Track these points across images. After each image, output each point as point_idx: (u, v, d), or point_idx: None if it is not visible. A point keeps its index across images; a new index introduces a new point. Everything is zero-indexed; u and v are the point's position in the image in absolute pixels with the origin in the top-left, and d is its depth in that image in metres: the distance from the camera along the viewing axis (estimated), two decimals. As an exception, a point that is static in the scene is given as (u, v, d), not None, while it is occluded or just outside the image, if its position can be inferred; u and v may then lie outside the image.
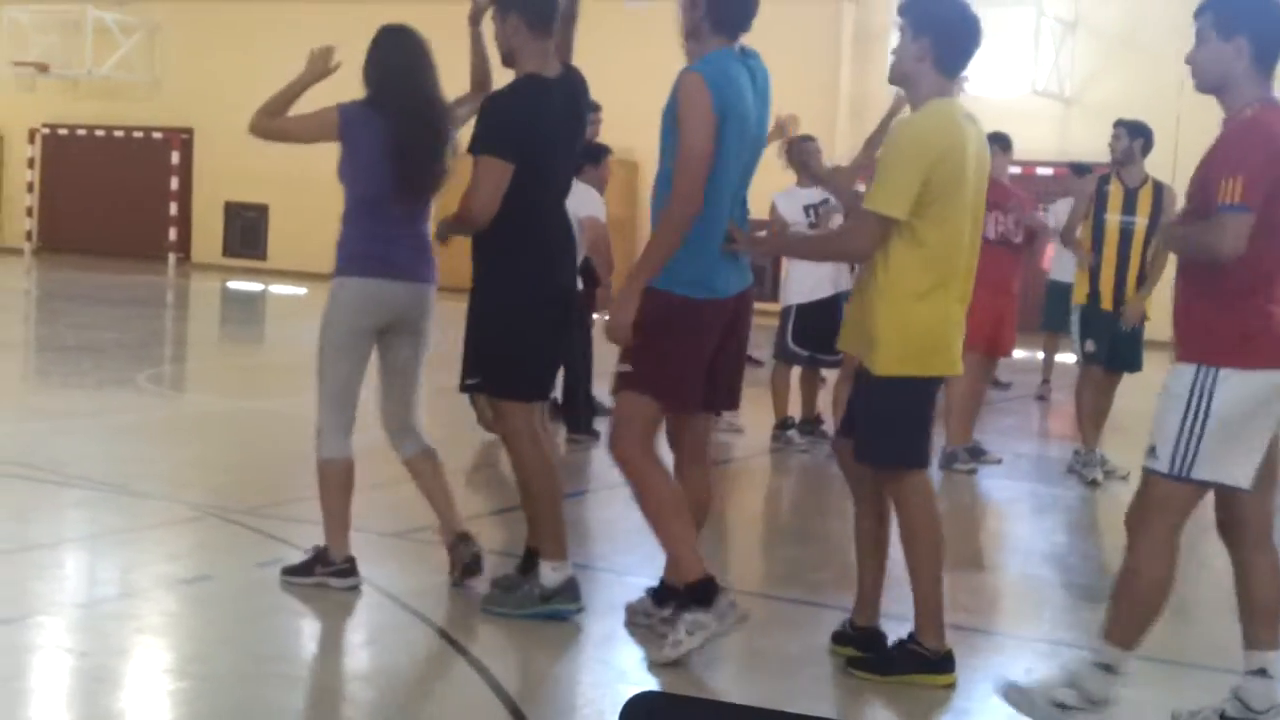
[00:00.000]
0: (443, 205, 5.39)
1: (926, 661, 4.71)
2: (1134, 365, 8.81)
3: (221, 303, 21.34)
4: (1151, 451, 4.21)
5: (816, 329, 8.91)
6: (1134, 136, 8.78)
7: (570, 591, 5.19)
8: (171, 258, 26.08)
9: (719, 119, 4.61)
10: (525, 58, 5.08)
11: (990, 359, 9.24)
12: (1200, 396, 4.07)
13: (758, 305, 5.13)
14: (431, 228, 5.43)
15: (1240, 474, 4.15)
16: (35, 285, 22.11)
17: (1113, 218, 8.67)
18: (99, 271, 22.84)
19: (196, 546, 6.25)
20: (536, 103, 5.04)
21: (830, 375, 9.70)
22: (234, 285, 22.96)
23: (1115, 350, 8.72)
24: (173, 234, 26.11)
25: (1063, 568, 7.00)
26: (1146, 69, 19.57)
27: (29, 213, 27.55)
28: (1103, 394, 8.94)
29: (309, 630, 5.22)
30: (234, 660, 4.71)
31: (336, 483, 5.42)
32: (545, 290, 5.15)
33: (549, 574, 5.15)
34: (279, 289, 22.27)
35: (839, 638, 4.98)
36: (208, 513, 6.60)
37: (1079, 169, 13.22)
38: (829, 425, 9.08)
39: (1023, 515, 8.38)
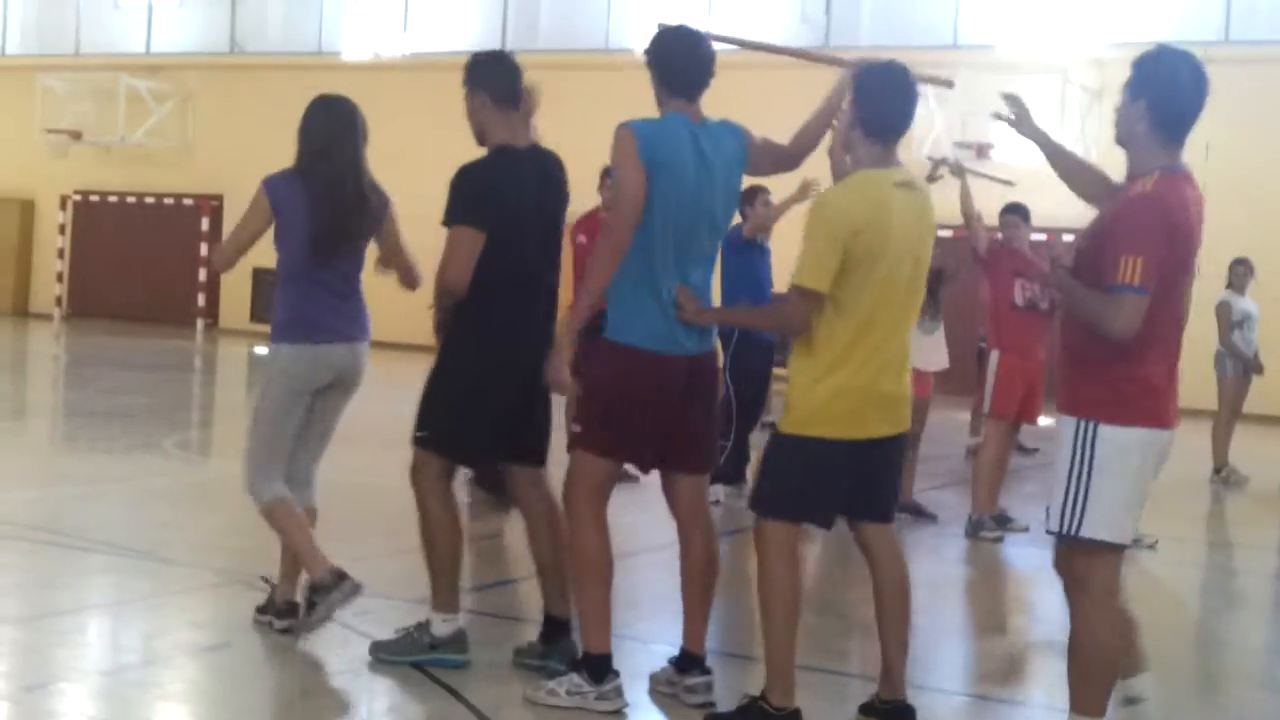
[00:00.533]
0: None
1: (770, 718, 4.69)
2: None
3: (249, 368, 21.45)
4: (1046, 512, 4.30)
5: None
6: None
7: (458, 643, 5.32)
8: (200, 323, 26.26)
9: (648, 168, 4.79)
10: (493, 131, 5.28)
11: (1015, 426, 9.17)
12: (1083, 450, 4.18)
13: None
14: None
15: (1125, 530, 4.27)
16: (64, 350, 22.27)
17: None
18: (128, 337, 23.01)
19: (220, 613, 6.23)
20: (506, 171, 5.23)
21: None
22: (261, 350, 23.07)
23: None
24: (201, 299, 26.30)
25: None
26: (1172, 136, 19.61)
27: (59, 278, 27.81)
28: None
29: (330, 700, 5.19)
30: (256, 729, 4.69)
31: (294, 519, 5.52)
32: (502, 361, 5.22)
33: (439, 625, 5.32)
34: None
35: (866, 709, 4.94)
36: (233, 579, 6.59)
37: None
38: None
39: (1049, 583, 8.28)
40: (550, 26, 24.28)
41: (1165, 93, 4.29)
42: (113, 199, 27.40)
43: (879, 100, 4.73)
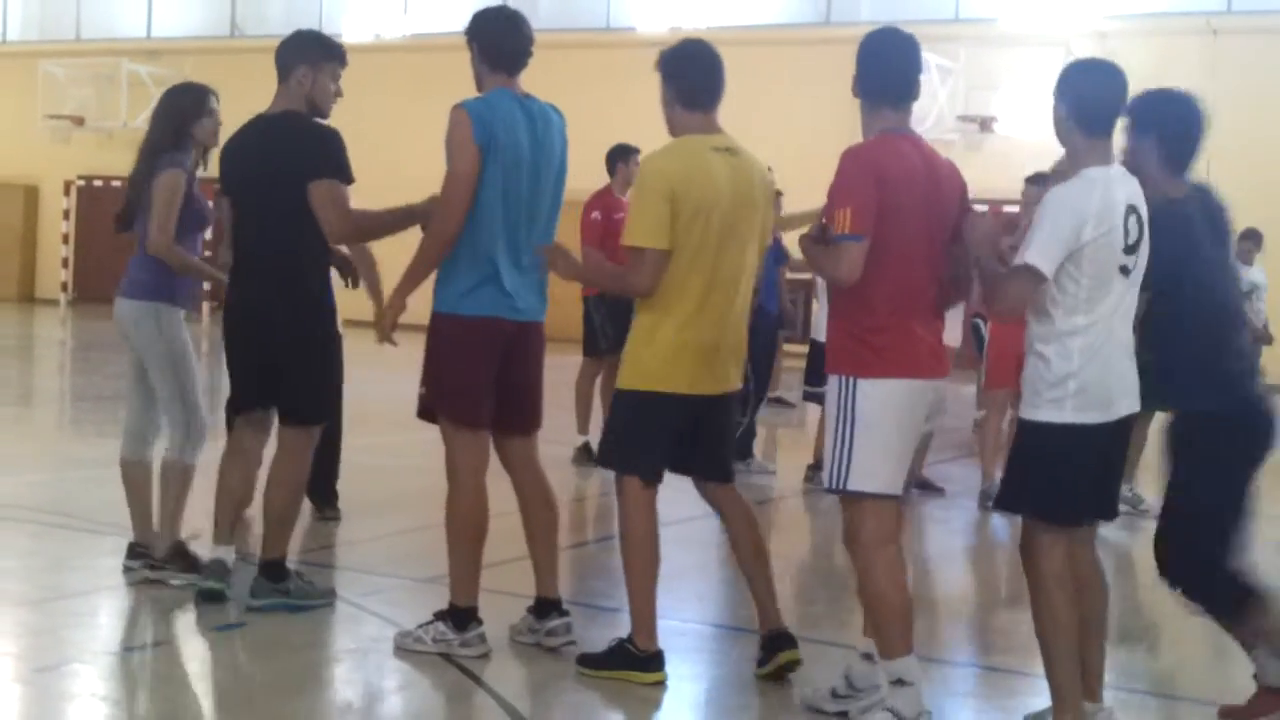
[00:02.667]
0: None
1: (635, 659, 4.95)
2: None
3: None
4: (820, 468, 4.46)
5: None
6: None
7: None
8: (206, 306, 26.28)
9: (481, 148, 4.99)
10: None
11: (1018, 395, 9.18)
12: (845, 406, 4.37)
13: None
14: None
15: (892, 481, 4.41)
16: (70, 336, 22.29)
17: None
18: (133, 321, 22.99)
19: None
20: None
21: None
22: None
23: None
24: (205, 283, 26.30)
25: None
26: (1176, 107, 19.57)
27: (64, 264, 27.83)
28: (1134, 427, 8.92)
29: (343, 675, 5.21)
30: (268, 706, 4.71)
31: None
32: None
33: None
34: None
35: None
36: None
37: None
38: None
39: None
40: (550, 5, 24.22)
41: (873, 66, 4.73)
42: (116, 184, 27.31)
43: (689, 75, 5.02)
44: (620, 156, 9.81)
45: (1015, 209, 15.61)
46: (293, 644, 5.33)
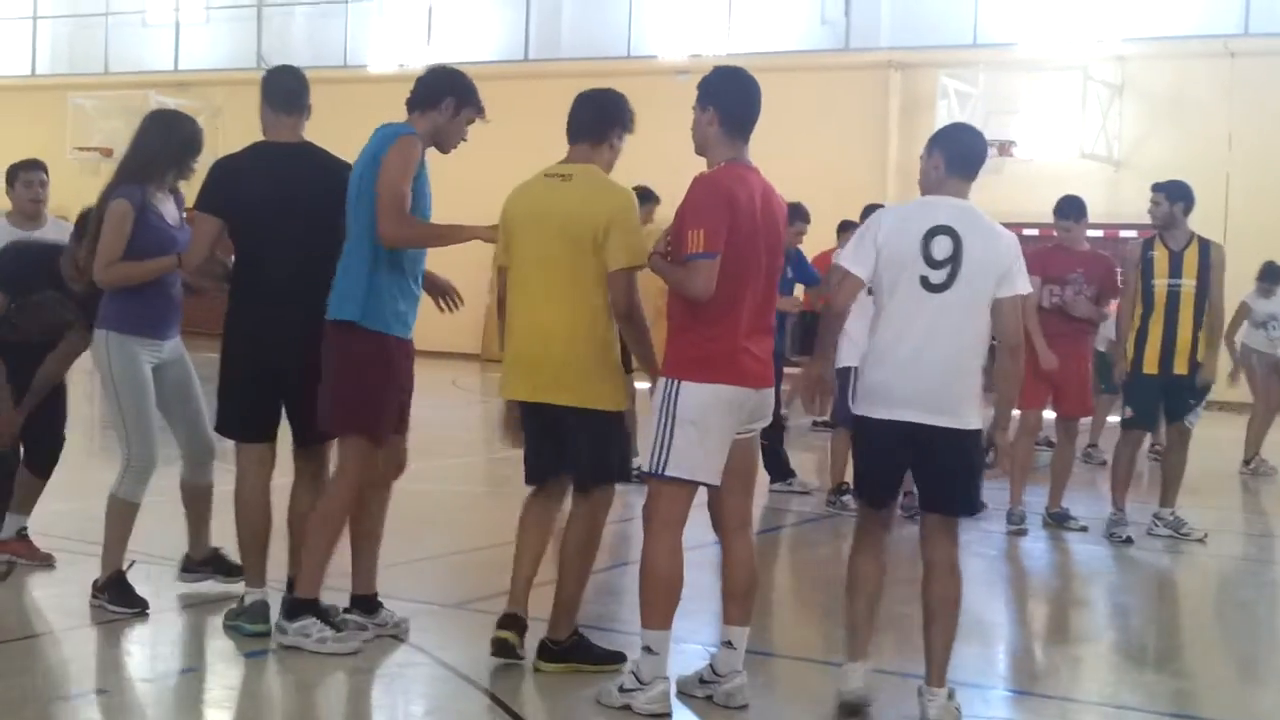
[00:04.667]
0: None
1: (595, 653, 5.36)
2: (1183, 409, 8.87)
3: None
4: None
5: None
6: (1174, 200, 8.74)
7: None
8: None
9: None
10: (266, 129, 5.90)
11: (1069, 420, 9.27)
12: (669, 404, 4.86)
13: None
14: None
15: (708, 473, 4.92)
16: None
17: (1160, 282, 8.66)
18: (160, 351, 23.13)
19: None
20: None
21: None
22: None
23: (1170, 406, 8.77)
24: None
25: (1123, 629, 6.97)
26: (1194, 129, 19.59)
27: (91, 295, 28.03)
28: (1174, 451, 8.98)
29: (371, 700, 5.27)
30: (298, 730, 4.77)
31: None
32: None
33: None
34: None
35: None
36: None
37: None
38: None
39: (1081, 576, 8.34)
40: (572, 35, 24.38)
41: (731, 101, 5.00)
42: (142, 215, 27.59)
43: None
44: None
45: (1034, 232, 15.68)
46: (321, 669, 5.39)
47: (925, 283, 4.88)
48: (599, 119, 5.32)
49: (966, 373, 4.94)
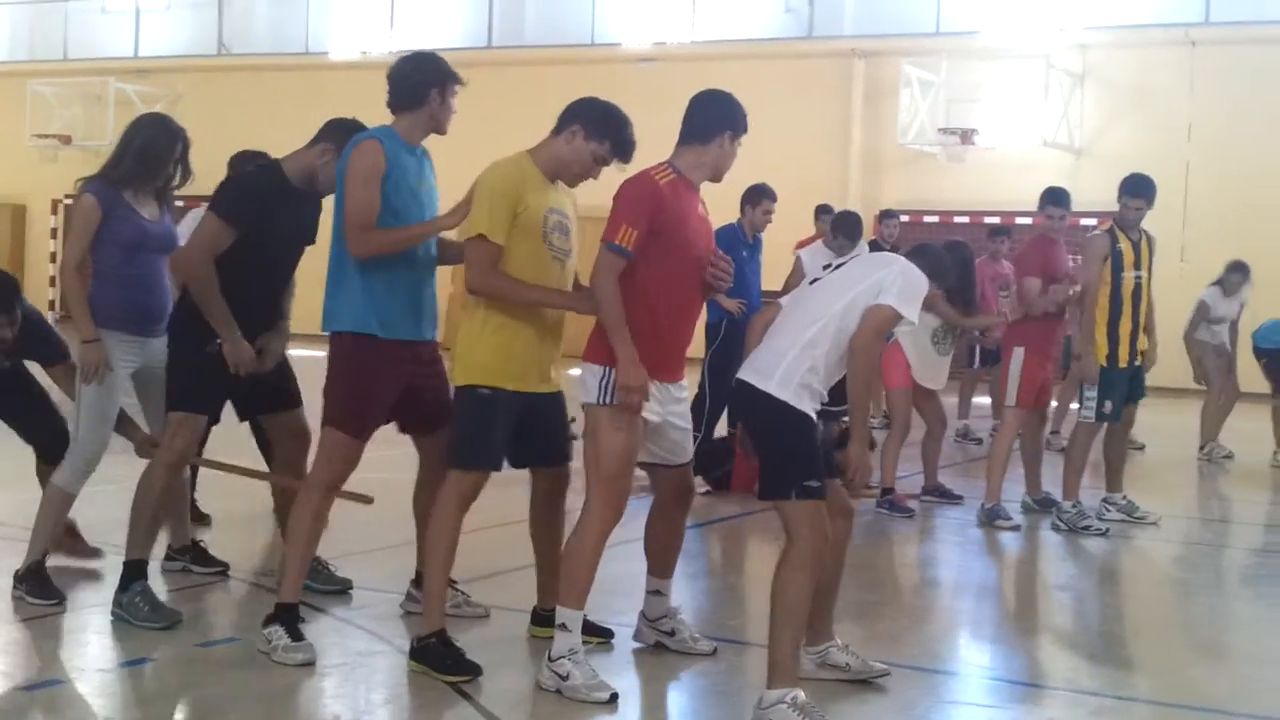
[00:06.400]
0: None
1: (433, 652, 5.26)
2: (1139, 394, 9.07)
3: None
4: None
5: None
6: (1151, 204, 8.77)
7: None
8: (193, 325, 26.31)
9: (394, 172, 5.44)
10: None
11: (1039, 415, 9.32)
12: (606, 388, 5.07)
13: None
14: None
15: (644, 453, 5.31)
16: (58, 355, 22.23)
17: (1128, 275, 8.70)
18: (121, 340, 22.96)
19: (221, 608, 6.33)
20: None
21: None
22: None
23: (1130, 390, 8.93)
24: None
25: (1081, 614, 7.03)
26: (1155, 118, 19.72)
27: (51, 282, 27.82)
28: (1121, 436, 9.11)
29: (330, 689, 5.26)
30: (257, 720, 4.76)
31: None
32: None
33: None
34: (293, 352, 22.34)
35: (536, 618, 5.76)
36: (231, 575, 6.66)
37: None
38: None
39: (1037, 563, 8.41)
40: (536, 22, 24.33)
41: (711, 113, 5.31)
42: (103, 203, 27.37)
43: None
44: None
45: (997, 220, 15.78)
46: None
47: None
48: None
49: None
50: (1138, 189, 8.73)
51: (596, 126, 5.30)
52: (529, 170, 5.29)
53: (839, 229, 10.15)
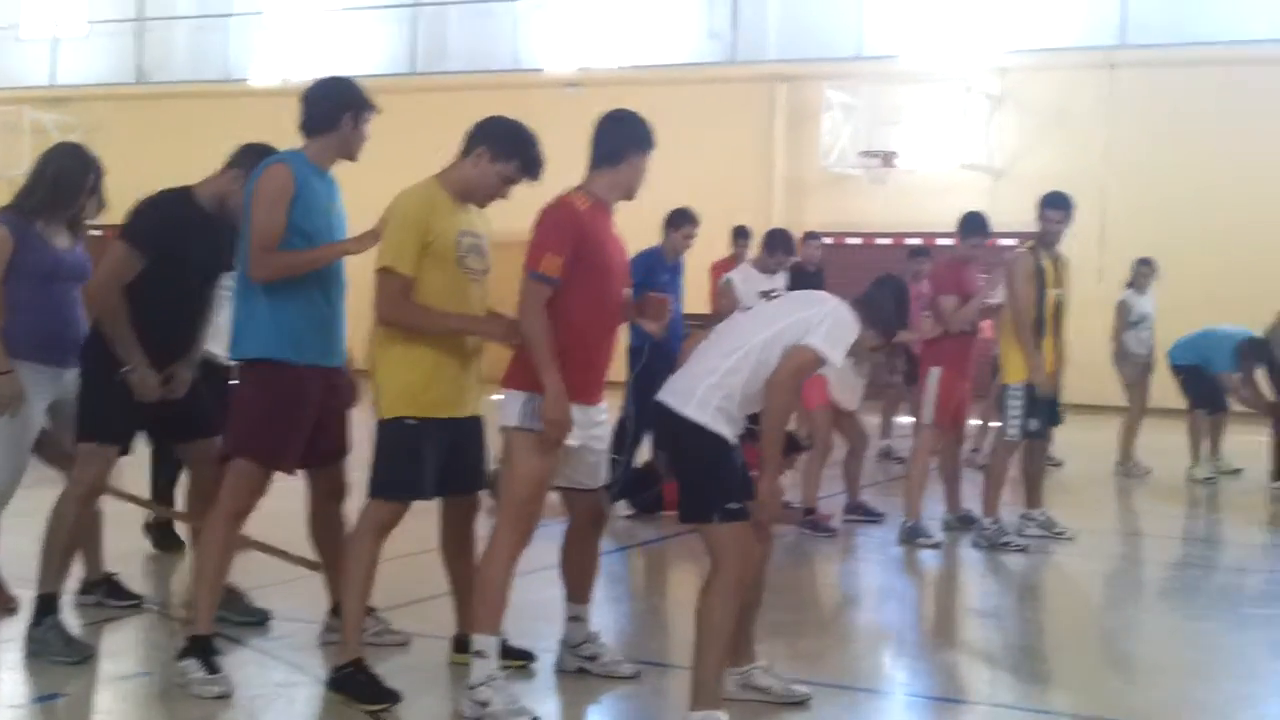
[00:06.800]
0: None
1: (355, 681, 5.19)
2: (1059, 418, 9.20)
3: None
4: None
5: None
6: (1070, 214, 8.90)
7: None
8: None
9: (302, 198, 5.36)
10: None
11: (955, 435, 9.38)
12: (528, 415, 5.05)
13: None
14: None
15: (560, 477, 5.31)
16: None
17: (1051, 293, 8.83)
18: (40, 371, 22.62)
19: (136, 643, 6.23)
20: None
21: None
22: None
23: (1052, 411, 9.03)
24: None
25: (1002, 631, 7.08)
26: (1073, 140, 20.00)
27: (-32, 315, 27.40)
28: (1039, 453, 9.24)
29: (248, 721, 5.20)
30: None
31: None
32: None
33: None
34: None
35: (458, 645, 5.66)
36: (146, 608, 6.57)
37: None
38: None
39: (956, 580, 8.47)
40: (459, 48, 24.31)
41: (618, 138, 5.31)
42: (20, 233, 26.97)
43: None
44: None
45: (918, 241, 15.88)
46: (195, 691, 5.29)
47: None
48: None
49: None
50: (1057, 201, 8.87)
51: (502, 146, 5.29)
52: (437, 196, 5.27)
53: (778, 245, 10.22)
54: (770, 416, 5.00)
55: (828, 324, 5.01)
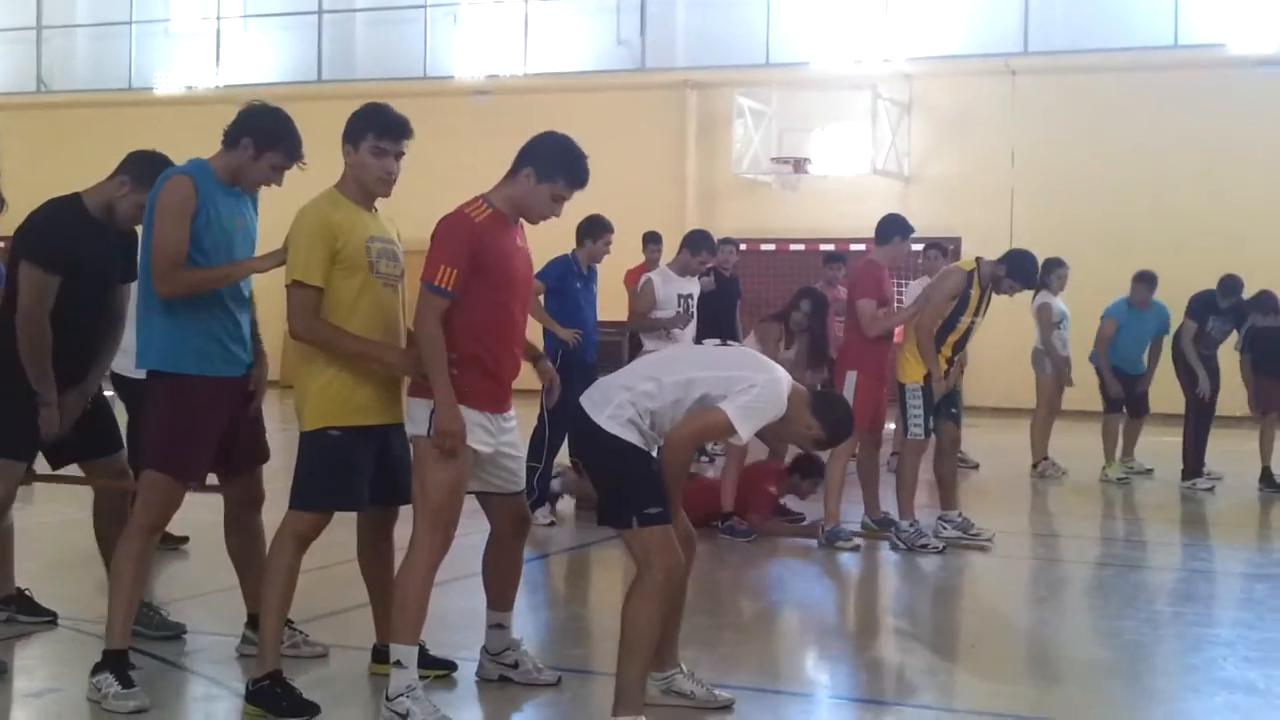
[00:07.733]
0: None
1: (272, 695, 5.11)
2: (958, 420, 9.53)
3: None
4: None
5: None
6: (1030, 285, 9.37)
7: None
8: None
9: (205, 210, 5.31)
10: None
11: (873, 438, 9.46)
12: (434, 423, 4.97)
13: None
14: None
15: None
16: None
17: (966, 319, 9.00)
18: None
19: (47, 658, 6.10)
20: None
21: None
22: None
23: (955, 408, 9.27)
24: (17, 345, 25.46)
25: (920, 632, 7.14)
26: (979, 145, 20.29)
27: None
28: (951, 455, 9.39)
29: (165, 738, 5.11)
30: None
31: None
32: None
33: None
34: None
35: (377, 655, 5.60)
36: (59, 623, 6.44)
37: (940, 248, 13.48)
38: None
39: (890, 583, 8.53)
40: (367, 55, 24.12)
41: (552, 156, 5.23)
42: (-83, 245, 26.42)
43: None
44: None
45: (831, 247, 15.99)
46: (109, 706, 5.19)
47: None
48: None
49: None
50: (1029, 278, 9.24)
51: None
52: (340, 204, 5.23)
53: (701, 245, 10.29)
54: (667, 469, 5.03)
55: (748, 397, 4.95)
